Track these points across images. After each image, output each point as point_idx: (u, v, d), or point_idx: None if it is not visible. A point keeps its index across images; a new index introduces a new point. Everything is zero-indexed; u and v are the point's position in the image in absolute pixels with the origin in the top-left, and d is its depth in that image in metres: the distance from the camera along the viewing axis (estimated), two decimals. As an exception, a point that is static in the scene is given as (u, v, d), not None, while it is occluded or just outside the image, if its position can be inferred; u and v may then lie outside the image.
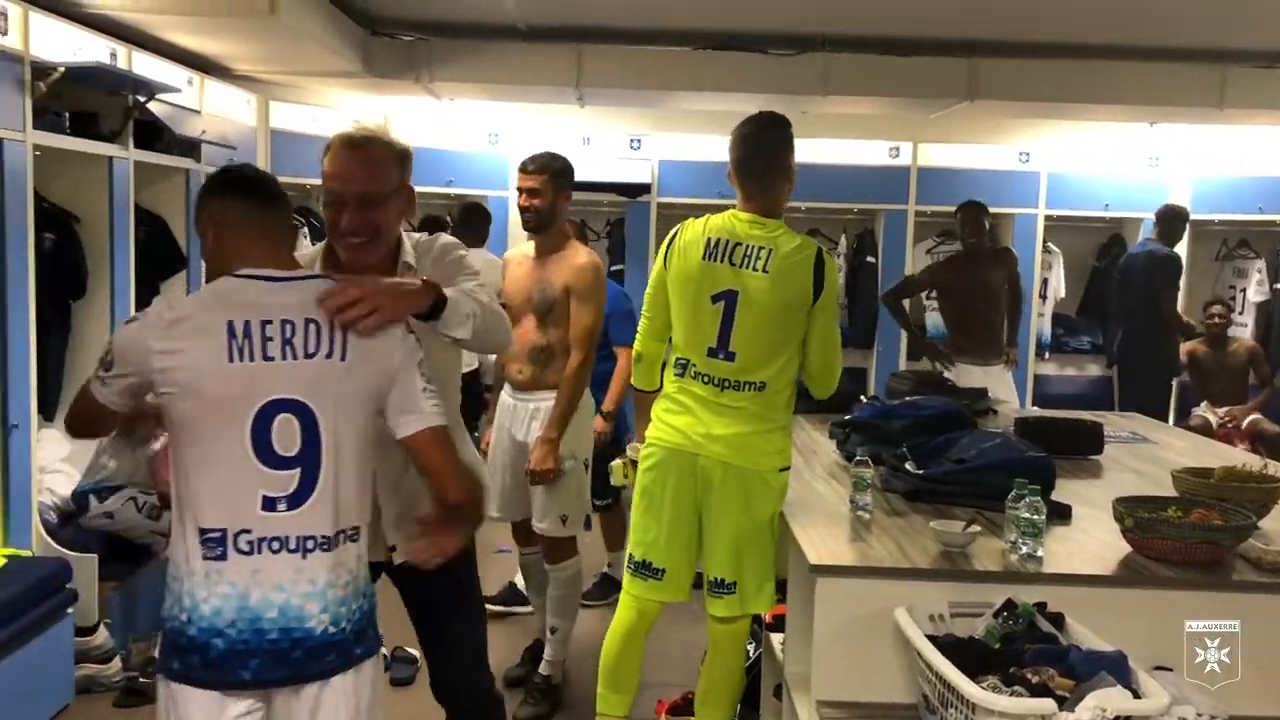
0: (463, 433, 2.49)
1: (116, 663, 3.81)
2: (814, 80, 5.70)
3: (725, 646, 3.04)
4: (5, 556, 3.52)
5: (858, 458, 2.91)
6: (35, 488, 3.74)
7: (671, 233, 3.06)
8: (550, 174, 3.62)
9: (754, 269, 2.89)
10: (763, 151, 2.99)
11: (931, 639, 2.15)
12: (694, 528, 2.99)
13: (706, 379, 2.95)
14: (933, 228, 7.30)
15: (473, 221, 5.96)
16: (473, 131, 7.04)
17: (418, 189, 3.35)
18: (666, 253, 3.03)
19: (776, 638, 3.13)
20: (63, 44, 3.85)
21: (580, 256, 3.67)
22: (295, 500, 1.84)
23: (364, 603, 1.96)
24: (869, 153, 7.11)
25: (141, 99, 4.35)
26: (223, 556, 1.83)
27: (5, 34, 3.50)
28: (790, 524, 2.81)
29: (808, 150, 6.28)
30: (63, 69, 3.69)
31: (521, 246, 3.88)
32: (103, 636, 3.79)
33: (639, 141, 7.11)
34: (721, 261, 2.92)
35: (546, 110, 6.71)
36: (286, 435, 1.84)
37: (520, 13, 5.23)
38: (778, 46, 5.63)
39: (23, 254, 3.64)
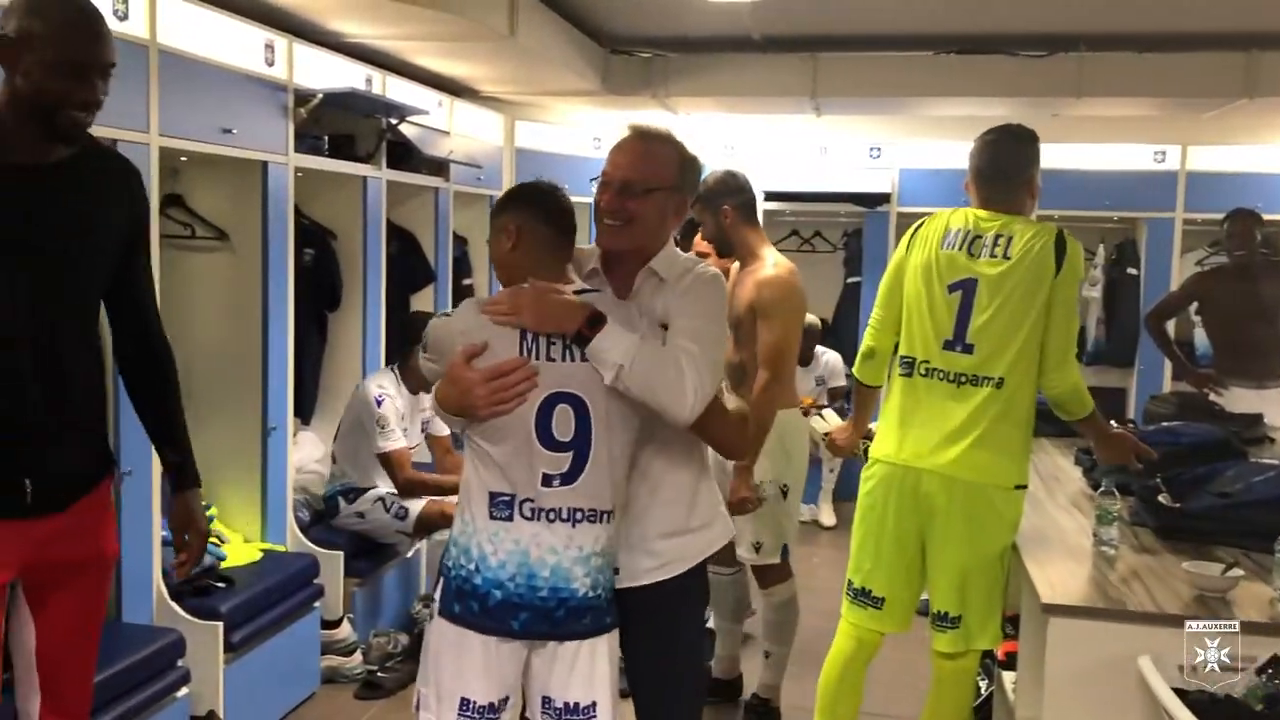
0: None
1: (358, 656, 4.02)
2: (1066, 82, 5.36)
3: (950, 684, 2.88)
4: (261, 551, 3.79)
5: (1103, 488, 2.69)
6: (290, 487, 4.00)
7: (914, 225, 2.98)
8: (699, 200, 3.43)
9: (993, 256, 2.77)
10: (1002, 163, 2.86)
11: (1180, 694, 1.95)
12: (917, 554, 2.85)
13: (942, 375, 2.80)
14: (1204, 237, 6.70)
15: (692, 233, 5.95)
16: (709, 145, 7.06)
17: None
18: (910, 241, 2.94)
19: (1009, 676, 2.94)
20: (323, 72, 4.11)
21: (765, 270, 3.48)
22: (568, 478, 2.05)
23: (612, 577, 2.16)
24: (1130, 157, 6.61)
25: (393, 121, 4.59)
26: (510, 518, 2.06)
27: (272, 64, 3.77)
28: (1024, 557, 2.63)
29: (1059, 155, 6.01)
30: (320, 95, 3.94)
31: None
32: (346, 630, 4.01)
33: (878, 150, 6.92)
34: (960, 250, 2.81)
35: (782, 121, 6.64)
36: (564, 423, 2.05)
37: (756, 24, 5.20)
38: (1026, 47, 5.33)
39: (284, 269, 3.91)
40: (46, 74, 1.92)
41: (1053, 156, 2.92)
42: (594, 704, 2.11)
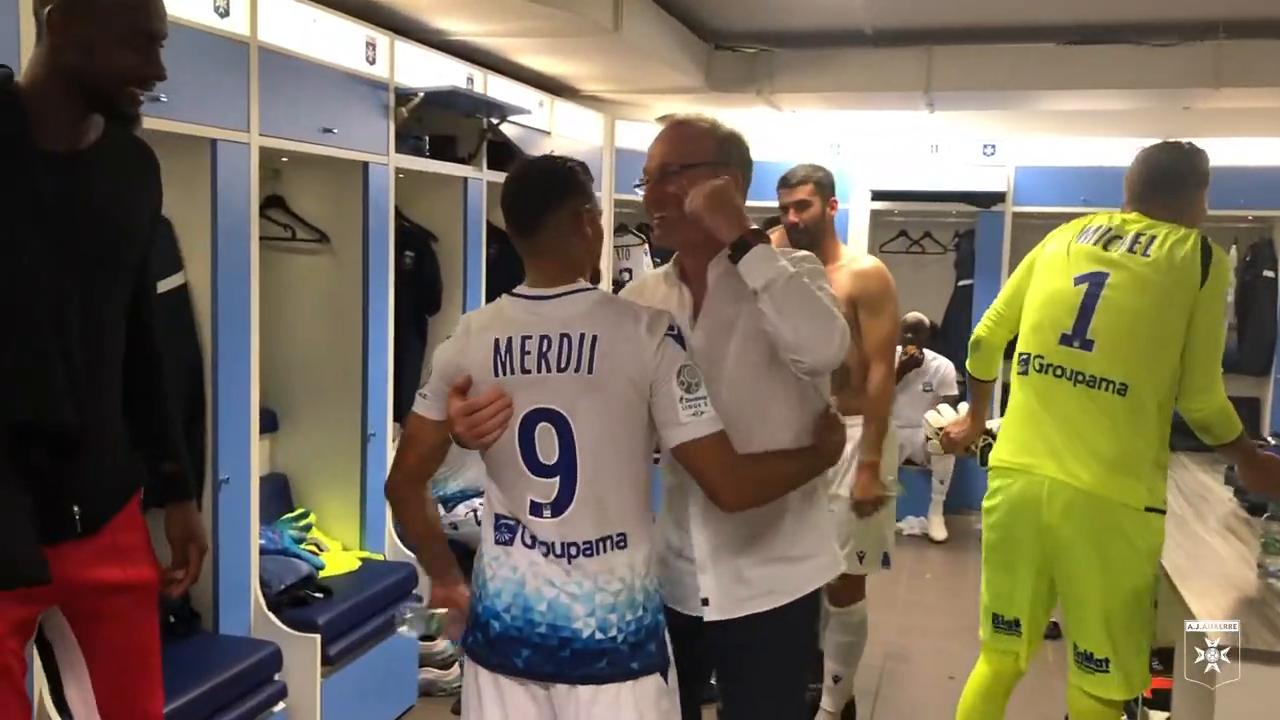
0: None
1: (455, 669, 3.92)
2: (1202, 72, 5.01)
3: (1091, 724, 2.64)
4: (360, 559, 3.71)
5: (1269, 513, 2.43)
6: (389, 494, 3.90)
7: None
8: (815, 183, 3.38)
9: (1132, 252, 2.57)
10: (1170, 171, 2.68)
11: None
12: (1045, 571, 2.65)
13: (1059, 372, 2.59)
14: (1347, 237, 6.28)
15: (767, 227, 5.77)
16: (814, 143, 6.84)
17: (762, 204, 3.21)
18: (1048, 238, 2.78)
19: (1158, 717, 2.69)
20: (424, 71, 4.03)
21: (860, 262, 3.44)
22: (558, 507, 1.87)
23: (643, 615, 1.89)
24: (1265, 152, 6.21)
25: (495, 121, 4.49)
26: (510, 543, 1.90)
27: (374, 63, 3.69)
28: (1178, 586, 2.39)
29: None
30: (421, 94, 3.84)
31: None
32: (444, 643, 3.91)
33: (993, 147, 6.63)
34: (1095, 244, 2.63)
35: (892, 117, 6.39)
36: (547, 444, 1.87)
37: (868, 16, 4.97)
38: (1156, 37, 5.01)
39: (384, 272, 3.83)
40: (112, 46, 1.72)
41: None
42: None
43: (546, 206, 1.91)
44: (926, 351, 6.24)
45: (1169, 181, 2.66)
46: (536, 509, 1.87)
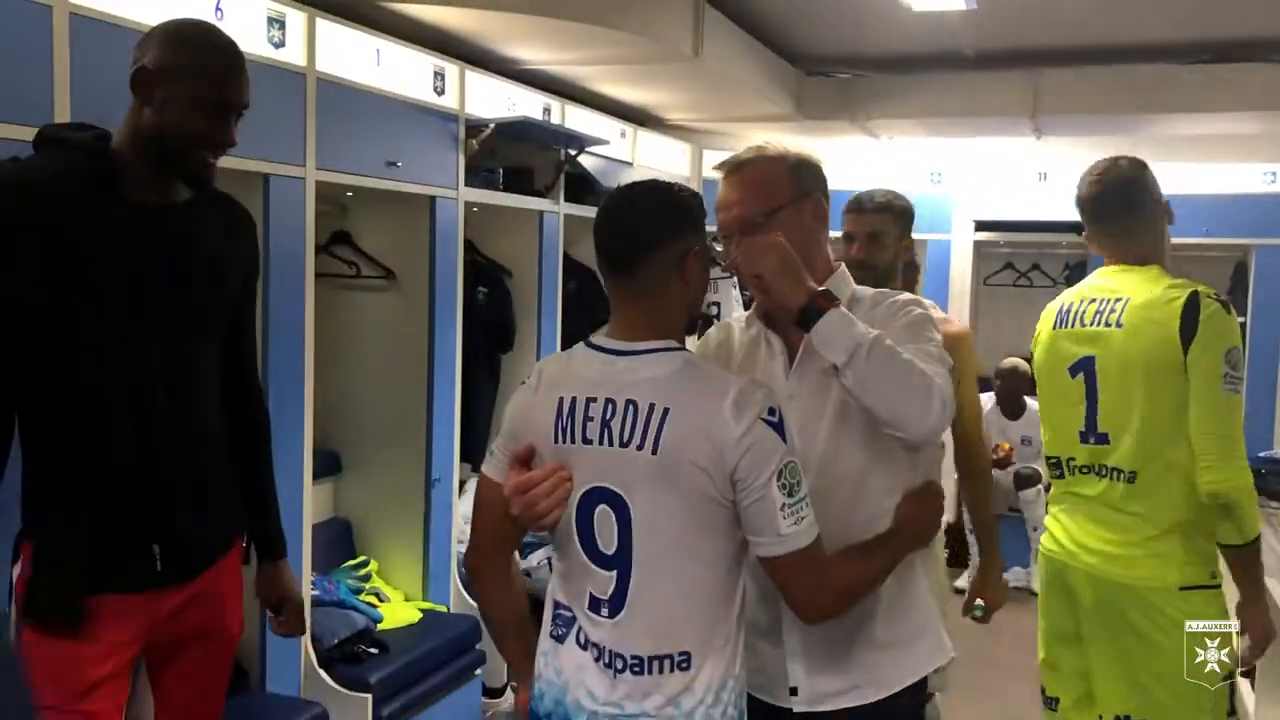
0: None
1: (522, 730, 3.72)
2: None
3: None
4: (421, 611, 3.54)
5: None
6: (455, 542, 3.74)
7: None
8: (894, 213, 2.84)
9: (1107, 324, 2.34)
10: (1113, 199, 2.48)
11: None
12: (1082, 657, 2.48)
13: (1085, 470, 2.41)
14: None
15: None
16: (912, 172, 6.54)
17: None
18: (1038, 330, 2.58)
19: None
20: (498, 101, 3.89)
21: (949, 324, 2.79)
22: (614, 607, 1.59)
23: None
24: None
25: (572, 152, 4.33)
26: (562, 639, 1.65)
27: (442, 93, 3.55)
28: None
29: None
30: (492, 125, 3.70)
31: None
32: (509, 701, 3.72)
33: (1106, 175, 6.24)
34: (1073, 326, 2.42)
35: (996, 144, 6.07)
36: (606, 530, 1.59)
37: (968, 37, 4.69)
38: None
39: (452, 310, 3.69)
40: (185, 110, 1.78)
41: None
42: None
43: (649, 244, 1.61)
44: (1027, 399, 5.86)
45: (1122, 207, 2.46)
46: (595, 605, 1.60)
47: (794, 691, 1.76)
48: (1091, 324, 2.39)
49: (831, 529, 1.61)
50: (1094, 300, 2.42)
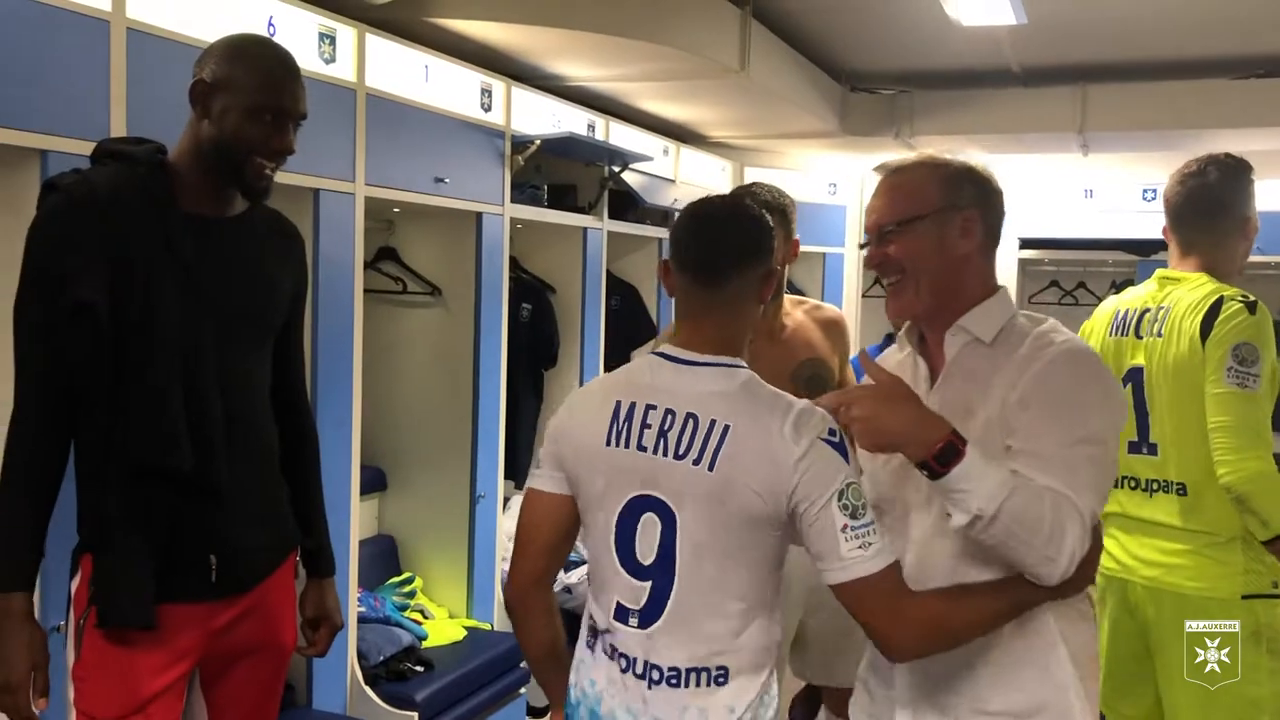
0: None
1: (566, 749, 3.68)
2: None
3: None
4: (465, 629, 3.51)
5: None
6: (499, 559, 3.72)
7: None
8: (776, 212, 2.50)
9: (1153, 333, 2.34)
10: (1206, 197, 2.42)
11: None
12: (1148, 680, 2.41)
13: (1134, 484, 2.38)
14: None
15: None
16: (956, 189, 6.50)
17: (820, 249, 2.82)
18: (1089, 338, 2.53)
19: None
20: (542, 117, 3.88)
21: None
22: (646, 618, 1.57)
23: None
24: None
25: (616, 169, 4.32)
26: (593, 648, 1.65)
27: (489, 109, 3.55)
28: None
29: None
30: (538, 141, 3.69)
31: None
32: (553, 720, 3.68)
33: (1153, 192, 6.14)
34: (1127, 335, 2.41)
35: (1043, 161, 6.00)
36: (647, 540, 1.58)
37: (1015, 53, 4.65)
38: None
39: (497, 326, 3.67)
40: (242, 120, 1.79)
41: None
42: None
43: (746, 258, 1.60)
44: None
45: (1216, 205, 2.41)
46: (622, 614, 1.59)
47: None
48: (1144, 334, 2.39)
49: (948, 563, 1.56)
50: (1147, 310, 2.41)
